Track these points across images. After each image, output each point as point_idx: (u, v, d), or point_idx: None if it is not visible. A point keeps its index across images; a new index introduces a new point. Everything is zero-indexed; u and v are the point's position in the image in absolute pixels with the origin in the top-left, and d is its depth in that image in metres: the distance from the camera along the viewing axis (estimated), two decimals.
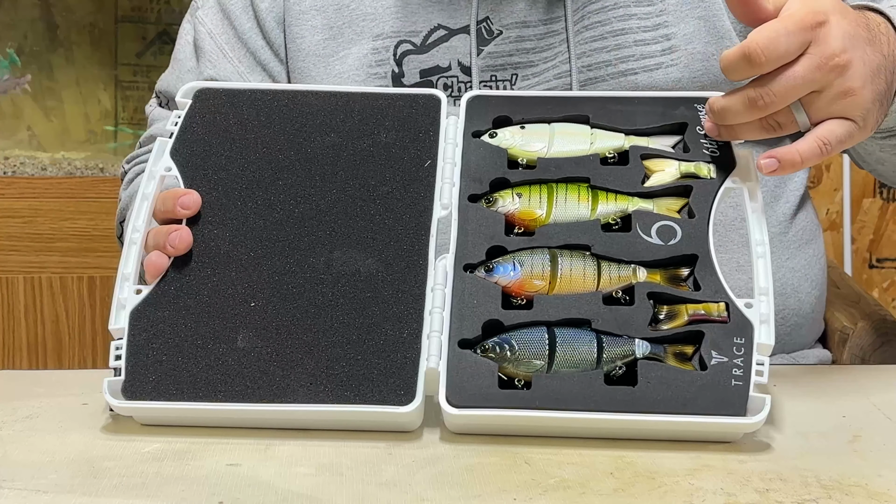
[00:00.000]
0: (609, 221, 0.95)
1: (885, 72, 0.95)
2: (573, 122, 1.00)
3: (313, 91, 1.02)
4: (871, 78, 0.93)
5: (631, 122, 0.98)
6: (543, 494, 0.78)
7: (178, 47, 1.30)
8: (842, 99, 0.91)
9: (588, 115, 1.00)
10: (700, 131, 0.98)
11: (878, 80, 0.94)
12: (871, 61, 0.93)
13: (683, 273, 0.92)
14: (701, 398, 0.85)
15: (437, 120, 1.00)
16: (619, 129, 0.99)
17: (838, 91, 0.91)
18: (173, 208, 0.95)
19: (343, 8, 1.23)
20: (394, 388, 0.87)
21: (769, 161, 0.92)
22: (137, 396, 0.88)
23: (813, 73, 0.90)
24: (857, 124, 0.93)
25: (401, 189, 0.96)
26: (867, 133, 0.94)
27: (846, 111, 0.92)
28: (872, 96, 0.93)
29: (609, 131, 0.99)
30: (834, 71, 0.90)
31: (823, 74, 0.90)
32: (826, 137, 0.92)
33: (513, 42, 1.19)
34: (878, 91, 0.94)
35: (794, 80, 0.90)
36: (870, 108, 0.93)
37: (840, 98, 0.91)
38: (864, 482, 0.80)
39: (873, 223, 2.41)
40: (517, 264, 0.92)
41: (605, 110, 1.00)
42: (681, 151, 0.98)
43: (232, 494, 0.79)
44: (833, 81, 0.91)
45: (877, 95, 0.94)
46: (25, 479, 0.81)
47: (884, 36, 0.97)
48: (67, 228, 2.18)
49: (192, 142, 0.99)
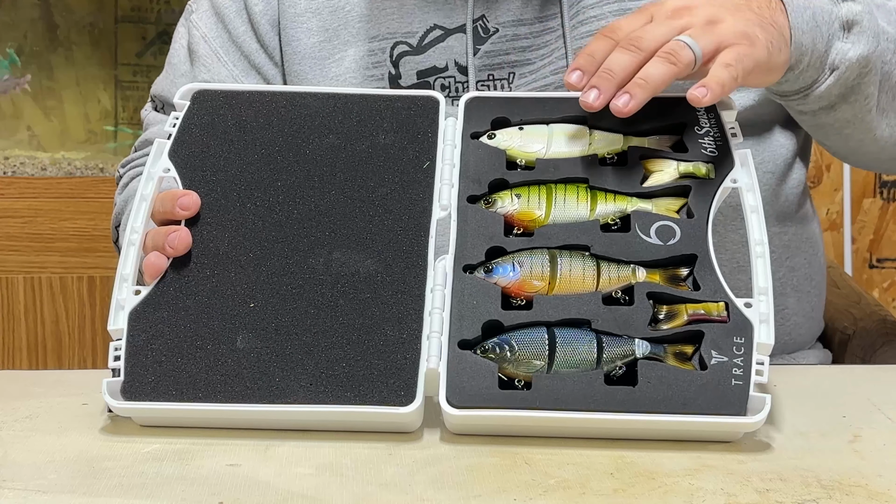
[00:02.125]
0: (608, 222, 0.95)
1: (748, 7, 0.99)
2: (571, 124, 1.00)
3: (312, 93, 1.02)
4: (730, 11, 0.97)
5: (629, 123, 0.98)
6: (543, 494, 0.78)
7: (173, 51, 1.30)
8: (709, 27, 0.95)
9: (586, 116, 1.00)
10: (698, 131, 0.98)
11: (739, 13, 0.97)
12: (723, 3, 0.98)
13: (683, 273, 0.92)
14: (701, 398, 0.85)
15: (435, 121, 1.00)
16: (618, 130, 0.99)
17: (701, 24, 0.95)
18: (172, 209, 0.95)
19: (338, 10, 1.22)
20: (394, 388, 0.87)
21: (700, 89, 0.93)
22: (137, 397, 0.87)
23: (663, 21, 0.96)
24: (744, 44, 0.95)
25: (399, 190, 0.96)
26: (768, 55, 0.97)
27: (724, 38, 0.95)
28: (743, 23, 0.96)
29: (607, 132, 0.99)
30: (683, 15, 0.96)
31: (674, 20, 0.96)
32: (726, 61, 0.94)
33: (509, 40, 1.19)
34: (748, 19, 0.97)
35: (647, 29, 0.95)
36: (745, 30, 0.96)
37: (707, 27, 0.95)
38: (864, 482, 0.80)
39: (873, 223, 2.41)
40: (516, 265, 0.92)
41: (603, 111, 1.00)
42: (679, 151, 0.98)
43: (232, 494, 0.79)
44: (691, 21, 0.95)
45: (749, 21, 0.97)
46: (25, 479, 0.81)
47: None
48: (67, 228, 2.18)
49: (190, 143, 0.99)
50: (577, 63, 0.97)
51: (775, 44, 0.98)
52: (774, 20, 0.99)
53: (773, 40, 0.98)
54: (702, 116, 0.99)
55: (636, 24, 0.97)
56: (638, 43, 0.95)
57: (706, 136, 0.98)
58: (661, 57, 0.94)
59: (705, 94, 0.92)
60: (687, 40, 0.94)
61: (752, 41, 0.96)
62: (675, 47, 0.94)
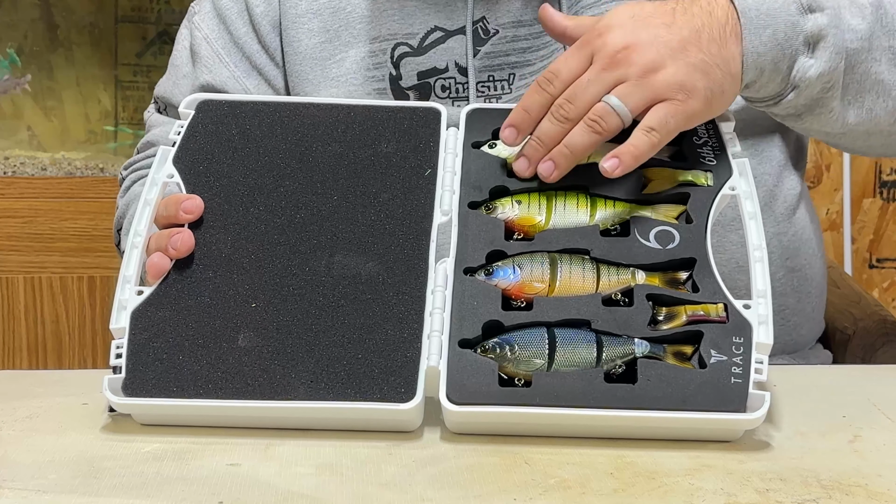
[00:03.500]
0: (608, 227, 0.95)
1: (697, 43, 0.95)
2: None
3: (315, 103, 1.03)
4: (672, 55, 0.94)
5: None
6: (543, 494, 0.78)
7: (175, 53, 1.31)
8: (645, 79, 0.93)
9: None
10: (697, 141, 0.99)
11: (684, 53, 0.94)
12: (666, 41, 0.94)
13: (682, 276, 0.93)
14: (701, 395, 0.85)
15: (436, 131, 1.01)
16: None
17: (637, 75, 0.93)
18: (176, 213, 0.95)
19: (339, 11, 1.23)
20: (394, 385, 0.87)
21: (612, 161, 0.93)
22: (138, 393, 0.88)
23: (598, 74, 0.94)
24: (678, 100, 0.94)
25: (401, 196, 0.97)
26: (706, 104, 0.95)
27: (658, 92, 0.94)
28: (684, 70, 0.94)
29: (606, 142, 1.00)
30: (620, 65, 0.94)
31: (610, 72, 0.94)
32: (649, 125, 0.94)
33: (509, 42, 1.19)
34: (690, 63, 0.94)
35: (580, 85, 0.95)
36: (684, 81, 0.94)
37: (643, 80, 0.93)
38: (864, 482, 0.80)
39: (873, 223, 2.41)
40: (517, 268, 0.93)
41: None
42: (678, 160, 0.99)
43: (232, 494, 0.79)
44: (627, 72, 0.93)
45: (691, 67, 0.94)
46: (25, 479, 0.81)
47: (699, 7, 0.97)
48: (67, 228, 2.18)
49: (194, 150, 0.99)
50: (513, 119, 0.97)
51: (717, 89, 0.96)
52: (723, 56, 0.96)
53: (715, 85, 0.95)
54: (700, 127, 1.00)
55: (574, 70, 0.95)
56: (567, 111, 0.95)
57: (704, 146, 0.99)
58: (587, 125, 0.94)
59: (616, 167, 0.93)
60: (615, 104, 0.94)
61: (689, 93, 0.94)
62: (603, 113, 0.94)
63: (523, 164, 0.97)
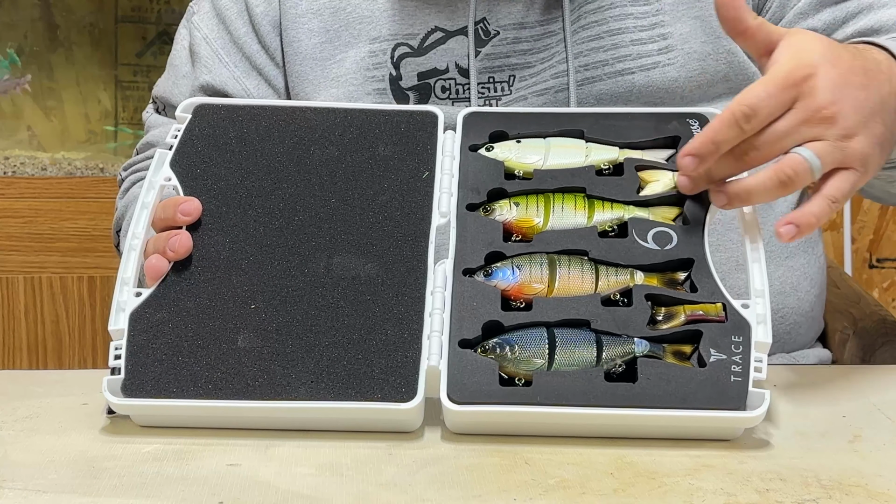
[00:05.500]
0: (605, 228, 0.95)
1: (882, 114, 0.93)
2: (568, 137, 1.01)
3: (312, 107, 1.03)
4: (866, 123, 0.91)
5: (625, 137, 1.00)
6: (543, 494, 0.78)
7: (174, 53, 1.31)
8: (842, 144, 0.90)
9: (582, 129, 1.01)
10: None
11: (873, 124, 0.92)
12: (864, 107, 0.92)
13: (680, 277, 0.93)
14: (701, 393, 0.85)
15: (434, 135, 1.01)
16: (614, 143, 1.00)
17: (836, 138, 0.90)
18: (173, 215, 0.95)
19: (339, 11, 1.23)
20: (395, 385, 0.87)
21: (788, 228, 0.91)
22: (137, 394, 0.88)
23: (798, 127, 0.90)
24: (858, 171, 0.92)
25: (399, 198, 0.97)
26: (869, 177, 0.94)
27: (848, 160, 0.91)
28: (870, 141, 0.92)
29: (604, 145, 1.00)
30: (823, 123, 0.90)
31: (810, 127, 0.90)
32: (832, 195, 0.91)
33: (510, 43, 1.19)
34: (875, 135, 0.92)
35: (776, 134, 0.90)
36: (869, 154, 0.92)
37: (840, 144, 0.90)
38: (864, 482, 0.80)
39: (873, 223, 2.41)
40: (516, 268, 0.93)
41: (599, 125, 1.01)
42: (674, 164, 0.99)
43: (232, 494, 0.79)
44: (828, 132, 0.90)
45: (875, 139, 0.92)
46: (25, 479, 0.81)
47: (884, 74, 0.95)
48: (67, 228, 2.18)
49: (191, 154, 0.99)
50: (698, 149, 0.91)
51: (881, 162, 0.94)
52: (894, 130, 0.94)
53: (883, 160, 0.94)
54: (696, 130, 1.00)
55: (773, 112, 0.89)
56: (753, 158, 0.90)
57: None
58: (777, 177, 0.90)
59: (792, 234, 0.90)
60: (815, 165, 0.89)
61: (867, 167, 0.92)
62: (800, 170, 0.89)
63: (687, 185, 0.94)
